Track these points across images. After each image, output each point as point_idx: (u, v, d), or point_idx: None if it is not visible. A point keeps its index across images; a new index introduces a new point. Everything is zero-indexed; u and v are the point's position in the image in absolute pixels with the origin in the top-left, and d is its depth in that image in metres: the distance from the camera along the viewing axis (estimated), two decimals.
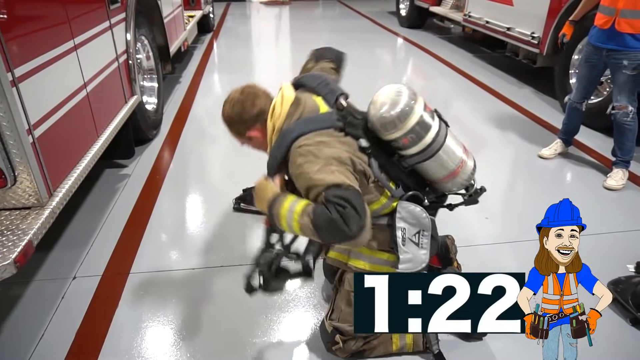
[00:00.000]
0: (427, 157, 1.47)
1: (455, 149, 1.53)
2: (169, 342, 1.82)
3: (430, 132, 1.45)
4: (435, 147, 1.47)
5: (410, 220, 1.51)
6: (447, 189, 1.60)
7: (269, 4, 11.86)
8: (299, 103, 1.49)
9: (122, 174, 3.11)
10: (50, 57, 1.88)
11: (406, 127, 1.42)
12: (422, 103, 1.46)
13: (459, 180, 1.55)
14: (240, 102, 1.51)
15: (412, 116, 1.42)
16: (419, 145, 1.46)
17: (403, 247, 1.52)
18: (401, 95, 1.44)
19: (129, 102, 2.90)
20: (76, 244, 2.38)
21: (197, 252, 2.35)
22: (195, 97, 4.70)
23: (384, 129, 1.44)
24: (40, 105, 1.78)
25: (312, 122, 1.44)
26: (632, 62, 2.72)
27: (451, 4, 7.01)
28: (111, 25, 2.67)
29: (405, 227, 1.51)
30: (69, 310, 1.97)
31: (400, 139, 1.45)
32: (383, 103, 1.44)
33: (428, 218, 1.51)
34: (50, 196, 1.79)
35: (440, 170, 1.51)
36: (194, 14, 6.20)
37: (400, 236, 1.51)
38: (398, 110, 1.41)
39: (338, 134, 1.44)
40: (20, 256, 1.48)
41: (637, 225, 2.56)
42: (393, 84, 1.50)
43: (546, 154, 3.40)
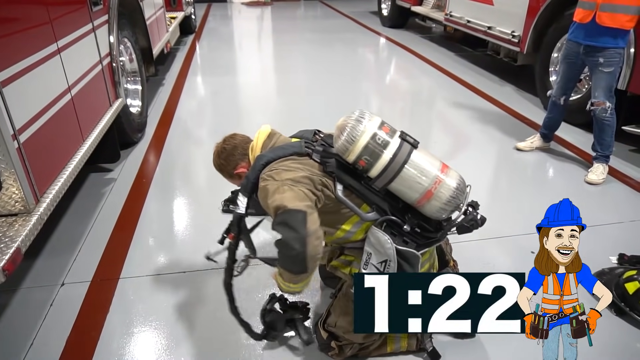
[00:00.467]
0: (391, 178, 1.44)
1: (424, 168, 1.45)
2: (162, 346, 1.80)
3: (385, 152, 1.43)
4: (396, 167, 1.43)
5: (377, 247, 1.48)
6: (428, 214, 1.50)
7: (250, 4, 11.82)
8: (273, 136, 1.67)
9: (107, 178, 3.07)
10: (33, 60, 1.85)
11: (357, 149, 1.42)
12: (375, 123, 1.45)
13: (436, 204, 1.45)
14: (224, 150, 1.70)
15: (361, 138, 1.42)
16: (376, 166, 1.44)
17: (363, 272, 1.51)
18: (350, 118, 1.46)
19: (113, 105, 2.86)
20: (63, 250, 2.34)
21: (187, 255, 2.34)
22: (179, 99, 4.65)
23: (342, 154, 1.47)
24: (24, 109, 1.75)
25: (281, 149, 1.56)
26: (607, 60, 2.80)
27: (432, 4, 7.09)
28: (94, 27, 2.63)
29: (371, 252, 1.50)
30: (59, 317, 1.93)
31: (357, 161, 1.46)
32: (337, 128, 1.48)
33: (393, 248, 1.45)
34: (37, 202, 1.76)
35: (410, 192, 1.45)
36: (175, 15, 6.15)
37: (364, 260, 1.51)
38: (345, 134, 1.43)
39: (304, 159, 1.52)
40: (8, 264, 1.45)
41: (618, 218, 2.63)
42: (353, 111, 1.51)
43: (521, 145, 3.48)
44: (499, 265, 2.27)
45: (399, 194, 1.49)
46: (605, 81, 2.88)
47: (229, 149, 1.70)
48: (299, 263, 1.40)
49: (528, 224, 2.56)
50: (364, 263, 1.51)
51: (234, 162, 1.69)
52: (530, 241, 2.38)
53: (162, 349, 1.79)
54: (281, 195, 1.41)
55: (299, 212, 1.38)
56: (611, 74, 2.85)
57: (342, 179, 1.50)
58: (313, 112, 4.18)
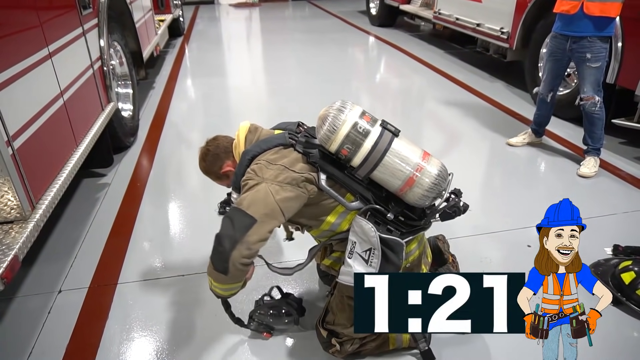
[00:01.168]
0: (373, 166, 1.46)
1: (406, 155, 1.47)
2: (162, 351, 1.79)
3: (367, 140, 1.45)
4: (377, 156, 1.45)
5: (361, 236, 1.50)
6: (412, 201, 1.51)
7: (238, 5, 11.78)
8: (255, 130, 1.68)
9: (101, 183, 3.04)
10: (25, 65, 1.83)
11: (339, 138, 1.44)
12: (353, 118, 1.46)
13: (418, 191, 1.46)
14: (208, 152, 1.73)
15: (342, 127, 1.44)
16: (358, 155, 1.46)
17: (348, 261, 1.52)
18: (332, 108, 1.48)
19: (105, 110, 2.84)
20: (59, 256, 2.31)
21: (185, 258, 2.33)
22: (170, 102, 4.62)
23: (324, 144, 1.49)
24: (18, 115, 1.73)
25: (265, 142, 1.59)
26: (595, 56, 2.84)
27: (421, 2, 7.13)
28: (84, 31, 2.61)
29: (355, 242, 1.51)
30: (57, 325, 1.91)
31: (339, 151, 1.47)
32: (319, 118, 1.49)
33: (376, 237, 1.46)
34: (33, 209, 1.74)
35: (392, 179, 1.47)
36: (164, 18, 6.10)
37: (348, 249, 1.52)
38: (327, 124, 1.45)
39: (287, 151, 1.55)
40: (6, 272, 1.43)
41: (611, 210, 2.67)
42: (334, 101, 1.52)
43: (513, 141, 3.52)
44: (496, 260, 2.29)
45: (382, 182, 1.51)
46: (594, 76, 2.91)
47: (212, 150, 1.72)
48: (222, 260, 1.44)
49: (522, 219, 2.60)
50: (349, 252, 1.52)
51: (220, 162, 1.71)
52: (525, 235, 2.43)
53: (162, 353, 1.78)
54: (252, 195, 1.45)
55: (249, 217, 1.41)
56: (599, 68, 2.89)
57: (325, 169, 1.52)
58: (304, 112, 4.15)
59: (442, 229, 2.50)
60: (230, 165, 1.71)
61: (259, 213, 1.42)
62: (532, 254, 2.14)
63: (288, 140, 1.57)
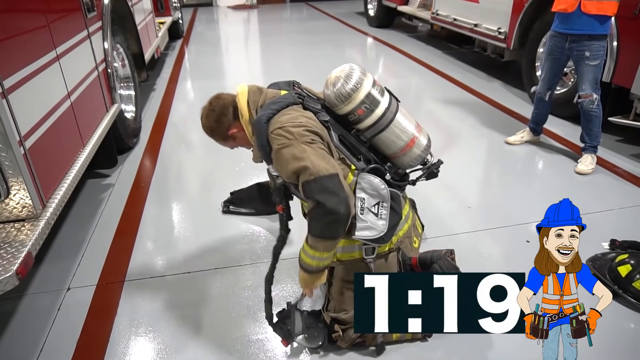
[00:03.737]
0: (382, 129, 1.58)
1: (406, 124, 1.63)
2: (171, 347, 1.83)
3: (381, 104, 1.58)
4: (388, 118, 1.58)
5: (370, 191, 1.55)
6: (405, 163, 1.67)
7: (236, 8, 11.83)
8: (259, 91, 1.66)
9: (105, 183, 3.08)
10: (35, 67, 1.87)
11: (359, 97, 1.54)
12: (371, 78, 1.59)
13: (415, 152, 1.64)
14: (212, 111, 1.67)
15: (364, 88, 1.55)
16: (372, 116, 1.57)
17: (361, 216, 1.55)
18: (353, 70, 1.57)
19: (110, 111, 2.88)
20: (66, 255, 2.35)
21: (191, 256, 2.36)
22: (172, 104, 4.67)
23: (340, 102, 1.56)
24: (29, 116, 1.77)
25: (275, 103, 1.57)
26: (593, 54, 2.90)
27: (419, 3, 7.19)
28: (89, 34, 2.65)
29: (365, 198, 1.55)
30: (67, 322, 1.95)
31: (355, 110, 1.56)
32: (337, 78, 1.56)
33: (387, 189, 1.55)
34: (44, 207, 1.78)
35: (396, 141, 1.61)
36: (164, 20, 6.15)
37: (359, 206, 1.55)
38: (352, 83, 1.54)
39: (301, 111, 1.57)
40: (21, 267, 1.47)
41: (608, 206, 2.72)
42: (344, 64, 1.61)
43: (511, 139, 3.57)
44: (495, 256, 2.33)
45: (384, 143, 1.62)
46: (592, 74, 2.97)
47: (218, 109, 1.66)
48: (343, 225, 1.44)
49: (521, 215, 2.65)
50: (360, 209, 1.55)
51: (227, 122, 1.66)
52: (524, 231, 2.48)
53: (170, 348, 1.82)
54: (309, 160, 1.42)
55: (333, 176, 1.42)
56: (597, 66, 2.95)
57: (336, 129, 1.58)
58: None
59: (444, 225, 2.56)
60: (238, 127, 1.66)
61: (331, 167, 1.44)
62: (530, 249, 2.19)
63: (297, 99, 1.59)
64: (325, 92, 1.60)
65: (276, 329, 1.75)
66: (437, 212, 2.68)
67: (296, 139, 1.45)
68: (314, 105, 1.60)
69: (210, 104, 1.69)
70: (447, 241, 2.37)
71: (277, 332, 1.75)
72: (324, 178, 1.41)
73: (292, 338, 1.75)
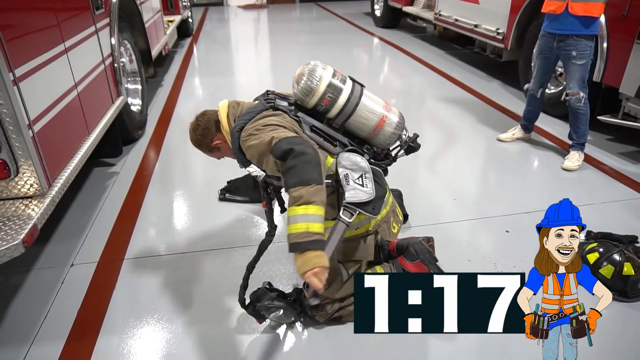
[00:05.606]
0: (350, 113, 1.72)
1: (373, 105, 1.76)
2: (163, 319, 1.97)
3: (343, 91, 1.72)
4: (354, 103, 1.72)
5: (351, 166, 1.65)
6: (382, 142, 1.79)
7: (246, 7, 12.02)
8: (237, 105, 1.82)
9: (110, 172, 3.25)
10: (44, 59, 2.03)
11: (321, 88, 1.69)
12: (331, 70, 1.75)
13: (388, 130, 1.76)
14: (198, 125, 1.85)
15: (324, 79, 1.70)
16: (337, 104, 1.71)
17: (348, 185, 1.60)
18: (313, 66, 1.73)
19: (115, 103, 3.05)
20: (71, 235, 2.52)
21: (186, 239, 2.52)
22: (177, 99, 4.84)
23: (305, 96, 1.71)
24: (37, 103, 1.93)
25: (247, 113, 1.73)
26: (580, 53, 2.99)
27: (423, 4, 7.29)
28: (97, 29, 2.82)
29: (347, 173, 1.64)
30: (69, 294, 2.11)
31: (321, 101, 1.71)
32: (300, 75, 1.72)
33: (365, 162, 1.66)
34: (50, 186, 1.94)
35: (366, 123, 1.74)
36: (173, 18, 6.33)
37: (344, 180, 1.61)
38: (313, 76, 1.69)
39: (270, 113, 1.71)
40: (27, 237, 1.63)
41: (590, 200, 2.81)
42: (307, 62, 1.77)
43: (503, 136, 3.68)
44: (474, 244, 2.44)
45: (356, 127, 1.76)
46: (579, 72, 3.06)
47: (203, 124, 1.83)
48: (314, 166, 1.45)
49: (504, 207, 2.76)
50: (345, 183, 1.61)
51: (211, 135, 1.83)
52: (505, 222, 2.59)
53: (163, 319, 1.97)
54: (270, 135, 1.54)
55: (296, 136, 1.57)
56: (583, 65, 3.04)
57: (306, 121, 1.73)
58: None
59: (428, 215, 2.67)
60: (220, 138, 1.83)
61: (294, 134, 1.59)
62: (508, 239, 2.28)
63: (267, 105, 1.74)
64: (293, 91, 1.76)
65: (247, 310, 1.83)
66: (423, 203, 2.80)
67: (260, 131, 1.61)
68: (284, 105, 1.75)
69: (196, 119, 1.87)
70: (429, 230, 2.48)
71: (249, 313, 1.83)
72: (288, 138, 1.53)
73: (264, 318, 1.84)
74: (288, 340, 1.86)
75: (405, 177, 2.98)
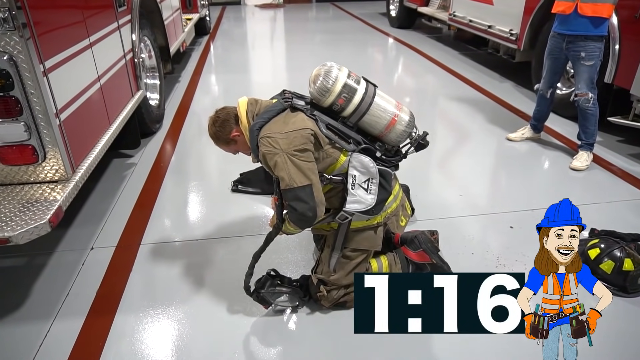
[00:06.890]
0: (364, 112, 1.79)
1: (385, 104, 1.82)
2: (177, 299, 2.09)
3: (358, 91, 1.79)
4: (367, 102, 1.79)
5: (360, 169, 1.77)
6: (393, 139, 1.86)
7: (263, 7, 12.16)
8: (256, 103, 1.88)
9: (129, 162, 3.39)
10: (71, 52, 2.16)
11: (337, 88, 1.76)
12: (346, 71, 1.81)
13: (399, 128, 1.83)
14: (217, 119, 1.91)
15: (340, 80, 1.76)
16: (352, 103, 1.78)
17: (352, 191, 1.77)
18: (329, 67, 1.79)
19: (135, 96, 3.18)
20: (92, 221, 2.65)
21: (200, 226, 2.63)
22: (194, 95, 4.97)
23: (322, 96, 1.78)
24: (64, 93, 2.06)
25: (267, 112, 1.80)
26: (589, 54, 3.02)
27: (438, 4, 7.32)
28: (119, 26, 2.95)
29: (356, 175, 1.77)
30: (89, 274, 2.24)
31: (337, 100, 1.77)
32: (317, 76, 1.79)
33: (375, 167, 1.77)
34: (74, 172, 2.06)
35: (378, 121, 1.81)
36: (191, 16, 6.47)
37: (350, 182, 1.78)
38: (330, 77, 1.76)
39: (289, 113, 1.79)
40: (53, 217, 1.75)
41: (596, 199, 2.85)
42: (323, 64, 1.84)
43: (512, 136, 3.72)
44: (477, 238, 2.50)
45: (370, 125, 1.82)
46: (587, 73, 3.09)
47: (222, 117, 1.90)
48: (309, 223, 1.77)
49: (509, 204, 2.82)
50: (351, 185, 1.77)
51: (229, 127, 1.88)
52: (509, 218, 2.65)
53: (176, 299, 2.08)
54: (287, 172, 1.67)
55: (306, 187, 1.68)
56: (592, 66, 3.07)
57: (322, 119, 1.80)
58: None
59: (434, 210, 2.74)
60: (238, 131, 1.88)
61: (306, 179, 1.68)
62: (512, 234, 2.32)
63: (285, 104, 1.81)
64: (309, 90, 1.84)
65: (252, 296, 1.92)
66: (430, 198, 2.87)
67: (282, 151, 1.68)
68: (301, 104, 1.83)
69: (216, 112, 1.94)
70: (435, 224, 2.55)
71: (254, 299, 1.93)
72: (297, 189, 1.67)
73: (269, 303, 1.94)
74: (291, 324, 1.96)
75: (414, 173, 3.05)
